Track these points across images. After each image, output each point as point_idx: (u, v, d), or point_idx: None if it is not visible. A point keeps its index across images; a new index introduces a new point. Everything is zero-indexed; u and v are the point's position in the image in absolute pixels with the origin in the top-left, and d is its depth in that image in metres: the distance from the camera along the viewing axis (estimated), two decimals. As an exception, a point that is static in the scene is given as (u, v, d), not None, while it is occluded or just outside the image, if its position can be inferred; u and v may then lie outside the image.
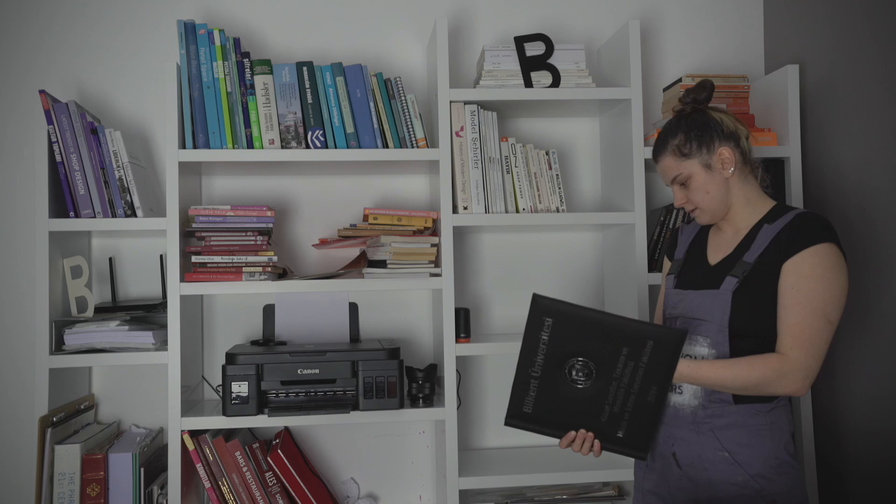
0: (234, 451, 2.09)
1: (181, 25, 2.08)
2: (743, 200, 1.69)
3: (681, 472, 1.67)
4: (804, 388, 1.55)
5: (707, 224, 1.74)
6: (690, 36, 2.54)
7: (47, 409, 2.02)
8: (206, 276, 2.07)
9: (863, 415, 2.02)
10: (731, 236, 1.72)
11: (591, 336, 1.58)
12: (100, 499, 2.03)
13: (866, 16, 2.01)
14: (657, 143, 1.75)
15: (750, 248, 1.65)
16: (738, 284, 1.62)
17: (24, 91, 2.34)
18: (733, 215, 1.71)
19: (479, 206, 2.16)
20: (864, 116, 2.01)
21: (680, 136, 1.69)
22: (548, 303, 1.58)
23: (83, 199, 2.07)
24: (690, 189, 1.69)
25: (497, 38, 2.48)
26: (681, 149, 1.68)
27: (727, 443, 1.61)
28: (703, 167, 1.67)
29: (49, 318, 2.05)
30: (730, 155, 1.66)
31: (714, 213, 1.69)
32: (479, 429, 2.42)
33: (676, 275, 1.80)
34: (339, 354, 2.07)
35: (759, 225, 1.67)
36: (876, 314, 1.96)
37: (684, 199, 1.71)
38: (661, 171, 1.74)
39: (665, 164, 1.71)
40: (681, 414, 1.67)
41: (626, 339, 1.57)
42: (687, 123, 1.70)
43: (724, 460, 1.61)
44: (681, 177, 1.69)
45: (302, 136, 2.12)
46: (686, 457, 1.65)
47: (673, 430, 1.68)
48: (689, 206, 1.72)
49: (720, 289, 1.64)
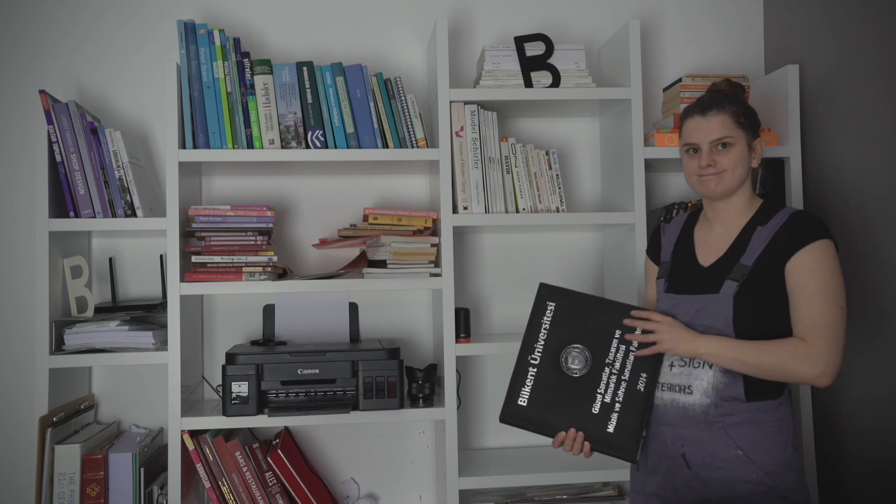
0: (234, 451, 2.09)
1: (181, 25, 2.08)
2: (747, 194, 1.73)
3: (691, 472, 1.67)
4: (826, 377, 1.56)
5: (715, 193, 1.71)
6: (690, 36, 2.54)
7: (47, 409, 2.02)
8: (206, 276, 2.07)
9: (863, 414, 2.02)
10: (721, 236, 1.74)
11: (588, 319, 1.66)
12: (100, 499, 2.03)
13: (866, 16, 2.01)
14: (710, 100, 1.73)
15: (746, 250, 1.67)
16: (739, 288, 1.63)
17: (24, 91, 2.34)
18: (729, 209, 1.73)
19: (479, 206, 2.16)
20: (864, 116, 2.01)
21: (740, 107, 1.72)
22: (552, 288, 1.71)
23: (83, 199, 2.07)
24: (727, 155, 1.69)
25: (497, 38, 2.48)
26: (738, 117, 1.70)
27: (740, 440, 1.62)
28: (746, 144, 1.71)
29: (49, 318, 2.04)
30: (761, 149, 1.74)
31: (728, 188, 1.70)
32: (479, 429, 2.42)
33: (666, 278, 1.79)
34: (339, 354, 2.07)
35: (750, 226, 1.70)
36: (876, 314, 1.96)
37: (713, 161, 1.70)
38: (706, 126, 1.71)
39: (719, 121, 1.70)
40: (691, 414, 1.66)
41: (611, 318, 1.61)
42: (743, 102, 1.74)
43: (737, 458, 1.62)
44: (728, 139, 1.69)
45: (302, 136, 2.12)
46: (697, 456, 1.66)
47: (683, 430, 1.68)
48: (714, 170, 1.69)
49: (720, 293, 1.65)
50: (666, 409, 1.70)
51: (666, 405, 1.70)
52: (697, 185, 1.74)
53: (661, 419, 1.71)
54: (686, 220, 1.86)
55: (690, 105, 1.77)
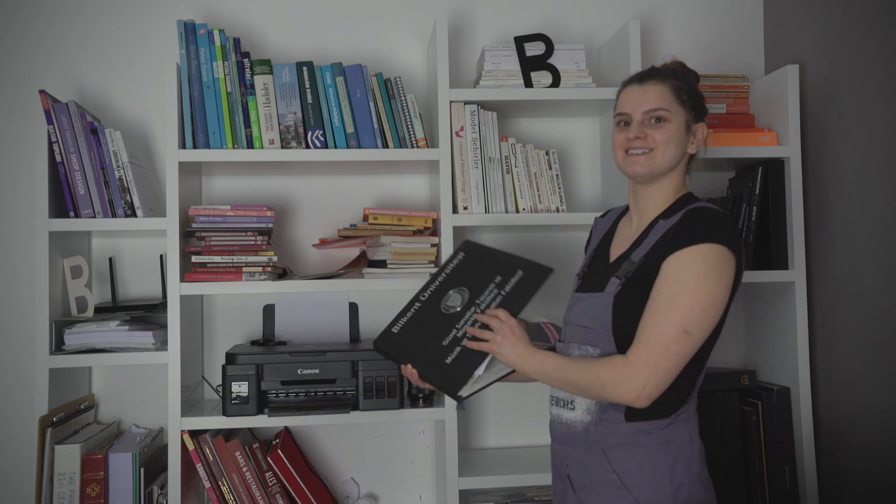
0: (234, 451, 2.09)
1: (181, 25, 2.08)
2: (674, 183, 1.56)
3: (576, 496, 1.53)
4: (641, 399, 1.40)
5: (640, 174, 1.54)
6: (690, 36, 2.54)
7: (47, 409, 2.02)
8: (206, 276, 2.07)
9: (863, 415, 2.02)
10: (635, 229, 1.59)
11: (484, 267, 1.64)
12: (100, 499, 2.03)
13: (866, 16, 2.01)
14: (650, 71, 1.58)
15: (640, 245, 1.52)
16: (620, 287, 1.49)
17: (24, 91, 2.34)
18: (650, 197, 1.57)
19: (479, 206, 2.16)
20: (864, 116, 2.01)
21: (683, 83, 1.57)
22: (470, 243, 1.71)
23: (83, 199, 2.07)
24: (660, 130, 1.52)
25: (497, 38, 2.48)
26: (680, 93, 1.54)
27: (617, 464, 1.47)
28: (685, 123, 1.54)
29: (49, 318, 2.04)
30: (703, 136, 1.58)
31: (656, 169, 1.53)
32: (479, 429, 2.42)
33: (579, 275, 1.67)
34: (339, 354, 2.07)
35: (658, 218, 1.54)
36: (876, 314, 1.96)
37: (643, 134, 1.52)
38: (641, 95, 1.54)
39: (657, 91, 1.53)
40: (574, 432, 1.53)
41: (501, 267, 1.60)
42: (690, 82, 1.59)
43: (613, 484, 1.46)
44: (664, 113, 1.52)
45: (302, 136, 2.12)
46: (580, 479, 1.53)
47: (567, 449, 1.55)
48: (644, 145, 1.52)
49: (604, 292, 1.51)
50: (553, 425, 1.59)
51: (553, 420, 1.59)
52: (623, 162, 1.56)
53: (552, 435, 1.60)
54: (621, 212, 1.70)
55: (631, 76, 1.62)
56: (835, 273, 2.12)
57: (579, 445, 1.52)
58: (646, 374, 1.39)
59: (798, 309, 2.16)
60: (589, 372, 1.43)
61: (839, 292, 2.10)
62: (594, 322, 1.51)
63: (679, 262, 1.42)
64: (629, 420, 1.46)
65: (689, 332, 1.40)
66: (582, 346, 1.54)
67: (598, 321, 1.50)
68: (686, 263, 1.42)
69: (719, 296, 1.42)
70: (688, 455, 1.47)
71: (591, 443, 1.50)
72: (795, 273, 2.17)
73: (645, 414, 1.45)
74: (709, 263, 1.41)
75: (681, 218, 1.49)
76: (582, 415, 1.52)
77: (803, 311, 2.17)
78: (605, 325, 1.49)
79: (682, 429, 1.47)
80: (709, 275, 1.41)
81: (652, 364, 1.39)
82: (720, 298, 1.43)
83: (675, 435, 1.47)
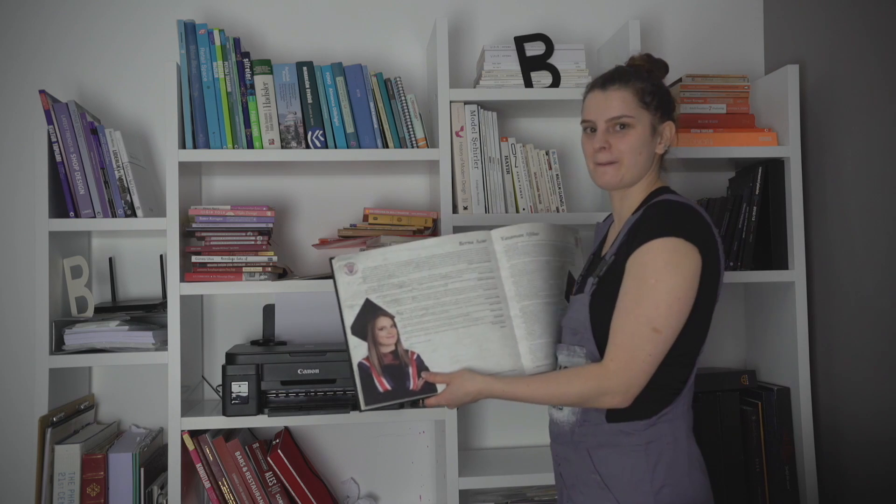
0: (234, 451, 2.09)
1: (181, 25, 2.08)
2: (646, 183, 1.56)
3: (567, 494, 1.57)
4: (627, 402, 1.42)
5: (609, 185, 1.55)
6: (690, 36, 2.54)
7: (47, 409, 2.02)
8: (206, 276, 2.07)
9: (863, 415, 2.02)
10: (616, 231, 1.59)
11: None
12: (100, 499, 2.03)
13: (866, 16, 2.01)
14: (614, 74, 1.55)
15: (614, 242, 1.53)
16: (595, 286, 1.50)
17: (24, 91, 2.34)
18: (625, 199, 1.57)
19: (479, 206, 2.16)
20: (864, 116, 2.01)
21: (647, 84, 1.53)
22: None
23: (83, 199, 2.07)
24: (625, 138, 1.50)
25: (497, 38, 2.48)
26: (643, 95, 1.51)
27: (599, 464, 1.48)
28: (650, 127, 1.52)
29: (49, 318, 2.04)
30: (671, 134, 1.56)
31: (624, 178, 1.52)
32: (479, 429, 2.42)
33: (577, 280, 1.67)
34: (339, 354, 2.06)
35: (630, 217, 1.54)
36: (876, 314, 1.96)
37: (608, 145, 1.51)
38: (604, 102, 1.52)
39: (619, 97, 1.51)
40: (562, 431, 1.56)
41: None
42: (653, 80, 1.56)
43: (595, 484, 1.48)
44: (627, 119, 1.50)
45: (302, 136, 2.12)
46: (569, 477, 1.56)
47: (558, 448, 1.58)
48: (608, 157, 1.51)
49: (584, 292, 1.52)
50: (549, 425, 1.62)
51: (549, 420, 1.61)
52: (593, 173, 1.56)
53: (550, 434, 1.62)
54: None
55: (595, 78, 1.60)
56: (835, 273, 2.12)
57: (567, 445, 1.55)
58: (626, 380, 1.40)
59: (798, 309, 2.16)
60: (566, 387, 1.46)
61: (839, 292, 2.10)
62: (578, 323, 1.52)
63: (639, 260, 1.42)
64: (610, 421, 1.47)
65: (659, 329, 1.39)
66: (570, 347, 1.55)
67: (580, 322, 1.51)
68: (644, 260, 1.41)
69: (682, 290, 1.40)
70: (671, 456, 1.45)
71: (577, 443, 1.52)
72: (795, 273, 2.17)
73: (626, 415, 1.45)
74: (667, 258, 1.40)
75: (643, 213, 1.49)
76: (568, 415, 1.54)
77: (803, 311, 2.17)
78: (585, 325, 1.49)
79: (666, 430, 1.46)
80: (668, 270, 1.39)
81: (630, 369, 1.40)
82: (684, 293, 1.40)
83: (656, 436, 1.45)
